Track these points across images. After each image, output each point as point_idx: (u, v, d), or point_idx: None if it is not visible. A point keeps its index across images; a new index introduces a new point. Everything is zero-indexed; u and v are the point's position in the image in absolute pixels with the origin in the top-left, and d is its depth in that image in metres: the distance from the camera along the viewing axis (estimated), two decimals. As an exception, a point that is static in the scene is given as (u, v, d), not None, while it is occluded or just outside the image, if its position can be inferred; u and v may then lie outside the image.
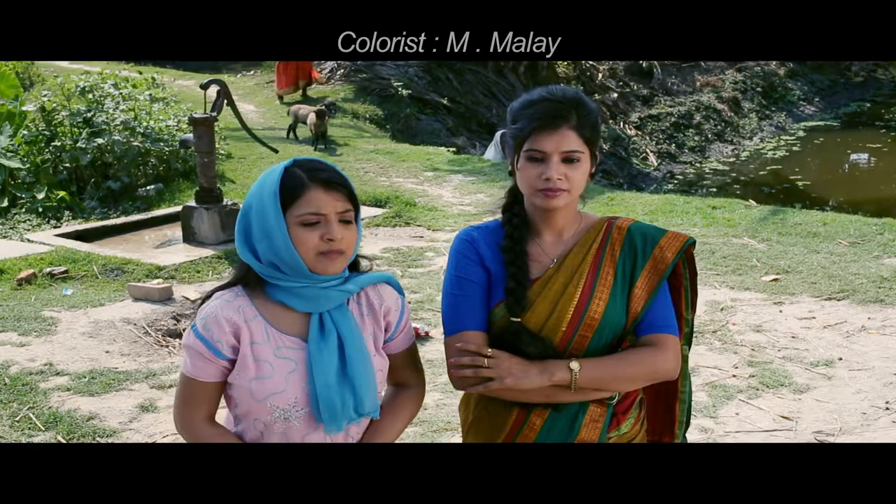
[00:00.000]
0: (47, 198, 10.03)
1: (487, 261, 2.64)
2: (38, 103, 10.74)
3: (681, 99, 21.56)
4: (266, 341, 2.42)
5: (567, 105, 2.53)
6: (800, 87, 24.02)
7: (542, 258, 2.63)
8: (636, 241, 2.62)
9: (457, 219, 9.93)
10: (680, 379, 2.75)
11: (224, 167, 11.76)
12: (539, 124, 2.52)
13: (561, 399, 2.56)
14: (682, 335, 2.71)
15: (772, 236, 8.92)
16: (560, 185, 2.51)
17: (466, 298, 2.62)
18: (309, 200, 2.35)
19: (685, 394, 2.79)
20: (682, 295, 2.71)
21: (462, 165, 12.87)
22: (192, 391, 2.46)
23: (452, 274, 2.66)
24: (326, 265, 2.37)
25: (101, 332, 6.61)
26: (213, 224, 8.69)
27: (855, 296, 7.08)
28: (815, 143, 20.45)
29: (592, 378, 2.51)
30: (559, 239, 2.65)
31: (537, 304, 2.57)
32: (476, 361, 2.50)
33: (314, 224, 2.35)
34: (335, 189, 2.36)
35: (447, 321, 2.64)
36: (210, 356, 2.40)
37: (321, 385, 2.39)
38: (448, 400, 5.53)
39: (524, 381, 2.50)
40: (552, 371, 2.50)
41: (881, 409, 5.31)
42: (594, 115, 2.58)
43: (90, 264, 8.00)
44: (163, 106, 12.01)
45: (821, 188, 16.48)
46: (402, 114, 17.03)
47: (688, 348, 2.76)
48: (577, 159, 2.52)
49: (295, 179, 2.37)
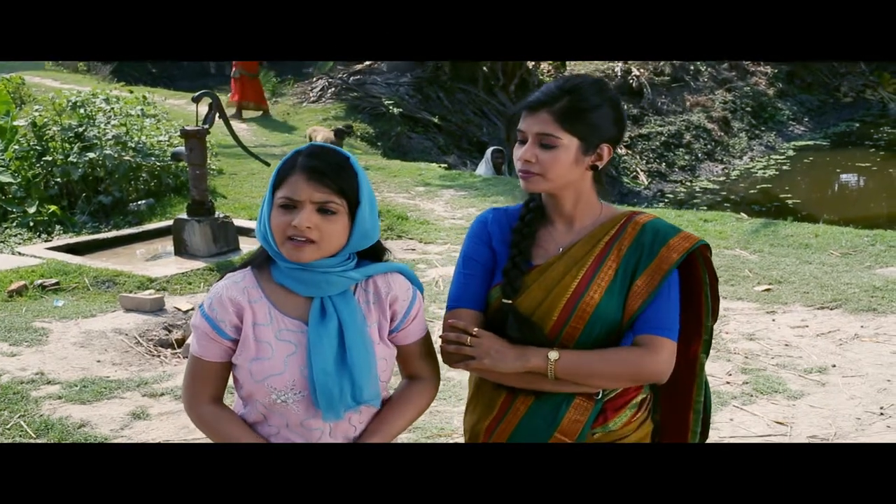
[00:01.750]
0: (38, 212, 10.01)
1: (496, 241, 2.66)
2: (30, 118, 10.72)
3: (671, 118, 21.63)
4: (268, 323, 2.43)
5: (560, 91, 2.53)
6: (789, 106, 24.13)
7: (549, 246, 2.63)
8: (646, 237, 2.58)
9: (448, 232, 9.93)
10: (694, 389, 2.71)
11: (215, 182, 11.75)
12: (524, 106, 2.55)
13: (542, 387, 2.54)
14: (701, 342, 2.68)
15: (763, 248, 8.94)
16: (530, 168, 2.52)
17: (468, 277, 2.66)
18: (290, 185, 2.36)
19: (699, 404, 2.73)
20: (703, 302, 2.65)
21: (453, 181, 12.89)
22: (198, 370, 2.49)
23: (462, 252, 2.71)
24: (291, 251, 2.37)
25: (92, 342, 6.58)
26: (205, 236, 8.67)
27: (847, 305, 7.09)
28: (804, 162, 20.53)
29: (569, 370, 2.49)
30: (570, 228, 2.64)
31: (532, 289, 2.56)
32: (461, 339, 2.52)
33: (288, 208, 2.36)
34: (318, 178, 2.34)
35: (449, 298, 2.68)
36: (214, 336, 2.42)
37: (318, 371, 2.37)
38: (442, 407, 5.50)
39: (500, 363, 2.50)
40: (528, 357, 2.50)
41: (875, 414, 5.30)
42: (591, 106, 2.54)
43: (81, 276, 7.97)
44: (154, 121, 12.00)
45: (811, 206, 16.52)
46: (393, 132, 17.06)
47: (705, 356, 2.70)
48: (552, 144, 2.50)
49: (290, 162, 2.40)
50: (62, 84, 17.49)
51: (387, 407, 2.57)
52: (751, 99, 23.46)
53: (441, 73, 19.24)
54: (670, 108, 22.19)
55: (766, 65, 24.89)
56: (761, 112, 23.37)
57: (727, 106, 22.80)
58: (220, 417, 2.49)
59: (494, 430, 2.64)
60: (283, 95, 20.48)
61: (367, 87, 18.44)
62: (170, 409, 5.54)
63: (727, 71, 24.22)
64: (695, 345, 2.67)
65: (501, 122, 18.89)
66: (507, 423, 2.61)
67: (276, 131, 17.22)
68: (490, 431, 2.65)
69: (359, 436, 2.52)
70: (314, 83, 19.90)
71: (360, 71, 19.47)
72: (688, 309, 2.62)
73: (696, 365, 2.68)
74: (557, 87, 2.55)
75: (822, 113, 24.95)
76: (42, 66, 22.52)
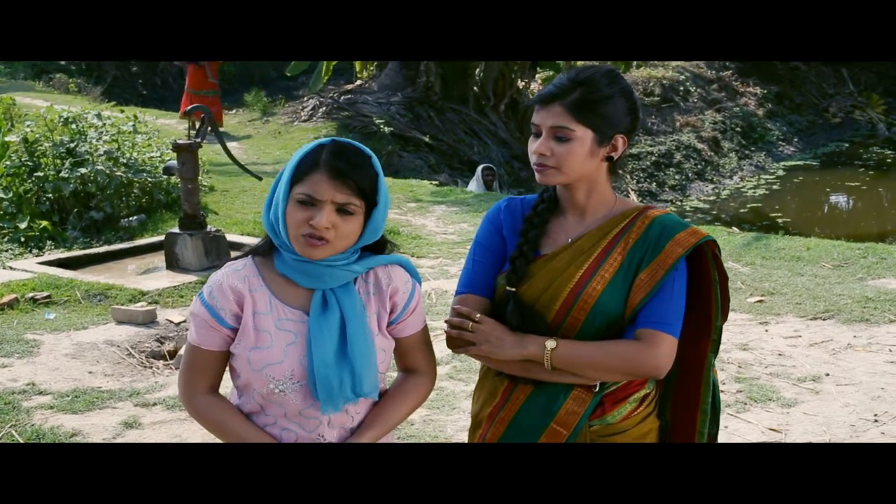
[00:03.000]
0: (29, 227, 9.98)
1: (506, 230, 2.68)
2: (22, 134, 10.70)
3: (661, 138, 21.67)
4: (269, 312, 2.42)
5: (572, 83, 2.53)
6: (778, 127, 24.20)
7: (559, 236, 2.63)
8: (653, 231, 2.57)
9: (440, 247, 9.93)
10: (702, 389, 2.67)
11: (207, 199, 11.73)
12: (537, 99, 2.56)
13: (539, 376, 2.55)
14: (710, 342, 2.65)
15: (755, 260, 8.94)
16: (545, 161, 2.53)
17: (477, 263, 2.68)
18: (311, 182, 2.34)
19: (706, 405, 2.68)
20: (713, 300, 2.62)
21: (445, 197, 12.91)
22: (195, 359, 2.47)
23: (475, 239, 2.73)
24: (305, 248, 2.36)
25: (84, 354, 6.56)
26: (197, 250, 8.65)
27: (840, 315, 7.10)
28: (794, 182, 20.58)
29: (566, 360, 2.49)
30: (582, 220, 2.64)
31: (536, 278, 2.57)
32: (464, 324, 2.54)
33: (307, 205, 2.34)
34: (341, 178, 2.33)
35: (459, 283, 2.70)
36: (214, 324, 2.42)
37: (318, 363, 2.37)
38: (435, 416, 5.49)
39: (498, 350, 2.52)
40: (525, 344, 2.51)
41: (869, 421, 5.30)
42: (603, 97, 2.54)
43: (73, 290, 7.94)
44: (145, 137, 11.98)
45: (801, 225, 16.54)
46: (384, 151, 17.07)
47: (714, 356, 2.67)
48: (567, 137, 2.51)
49: (313, 157, 2.37)
50: (53, 105, 17.43)
51: (384, 399, 2.57)
52: (740, 119, 23.53)
53: (432, 92, 19.28)
54: (660, 128, 22.24)
55: (755, 85, 24.99)
56: (751, 132, 23.43)
57: (717, 126, 22.86)
58: (216, 408, 2.48)
59: (496, 417, 2.65)
60: (274, 115, 20.52)
61: (357, 106, 18.46)
62: (162, 419, 5.52)
63: (717, 91, 24.31)
64: (703, 344, 2.64)
65: (492, 142, 18.93)
66: (508, 411, 2.62)
67: (269, 150, 17.23)
68: (492, 418, 2.66)
69: (356, 427, 2.51)
70: (305, 103, 19.94)
71: (351, 90, 19.53)
72: (697, 308, 2.60)
73: (705, 365, 2.65)
74: (569, 79, 2.55)
75: (812, 133, 25.03)
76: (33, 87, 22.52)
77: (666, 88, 23.18)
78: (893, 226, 16.59)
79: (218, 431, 2.49)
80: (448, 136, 18.80)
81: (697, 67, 24.63)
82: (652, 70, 23.41)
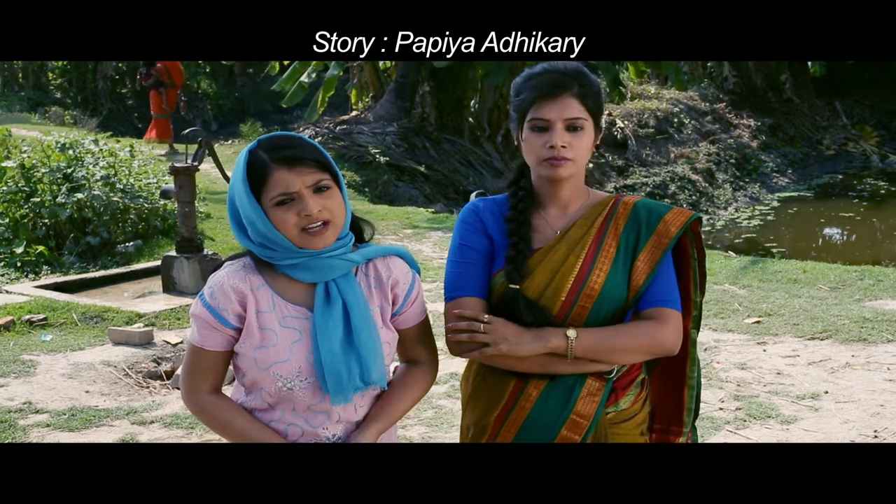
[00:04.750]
0: (26, 252, 9.95)
1: (491, 229, 2.66)
2: (18, 160, 10.70)
3: (655, 170, 21.74)
4: (272, 310, 2.41)
5: (569, 75, 2.58)
6: (772, 159, 24.29)
7: (545, 230, 2.65)
8: (641, 215, 2.63)
9: (437, 271, 9.92)
10: (688, 364, 2.75)
11: (203, 226, 11.71)
12: (541, 93, 2.57)
13: (557, 369, 2.55)
14: (691, 318, 2.71)
15: (752, 283, 8.95)
16: (564, 154, 2.55)
17: (467, 266, 2.64)
18: (276, 182, 2.34)
19: (693, 380, 2.76)
20: (691, 276, 2.70)
21: (441, 223, 12.92)
22: (198, 360, 2.46)
23: (456, 242, 2.69)
24: (310, 240, 2.37)
25: (80, 374, 6.53)
26: (194, 273, 8.63)
27: (838, 335, 7.09)
28: (789, 213, 20.62)
29: (589, 347, 2.51)
30: (564, 212, 2.66)
31: (537, 273, 2.57)
32: (473, 327, 2.51)
33: (288, 202, 2.34)
34: (299, 164, 2.34)
35: (448, 288, 2.65)
36: (216, 325, 2.40)
37: (326, 354, 2.37)
38: (433, 433, 5.47)
39: (519, 347, 2.50)
40: (547, 338, 2.50)
41: (869, 437, 5.29)
42: (595, 85, 2.61)
43: (69, 312, 7.91)
44: (142, 163, 11.98)
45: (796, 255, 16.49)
46: (379, 180, 17.08)
47: (696, 332, 2.74)
48: (581, 127, 2.56)
49: (258, 163, 2.36)
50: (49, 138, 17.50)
51: (388, 392, 2.56)
52: (735, 151, 23.62)
53: (427, 123, 19.33)
54: (655, 159, 22.31)
55: (748, 118, 25.12)
56: (745, 164, 23.52)
57: (711, 158, 22.94)
58: (221, 407, 2.47)
59: (505, 420, 2.62)
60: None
61: (353, 136, 18.48)
62: (159, 437, 5.49)
63: (711, 123, 24.42)
64: (685, 320, 2.68)
65: (487, 172, 18.95)
66: (520, 410, 2.59)
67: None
68: (500, 422, 2.63)
69: (362, 420, 2.51)
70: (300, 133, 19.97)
71: (347, 121, 19.55)
72: (677, 284, 2.66)
73: (688, 341, 2.71)
74: (562, 73, 2.59)
75: (806, 165, 25.11)
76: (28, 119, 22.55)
77: (660, 120, 23.28)
78: (888, 255, 16.61)
79: (223, 430, 2.48)
80: (443, 167, 18.82)
81: (691, 99, 24.77)
82: (646, 102, 23.55)
